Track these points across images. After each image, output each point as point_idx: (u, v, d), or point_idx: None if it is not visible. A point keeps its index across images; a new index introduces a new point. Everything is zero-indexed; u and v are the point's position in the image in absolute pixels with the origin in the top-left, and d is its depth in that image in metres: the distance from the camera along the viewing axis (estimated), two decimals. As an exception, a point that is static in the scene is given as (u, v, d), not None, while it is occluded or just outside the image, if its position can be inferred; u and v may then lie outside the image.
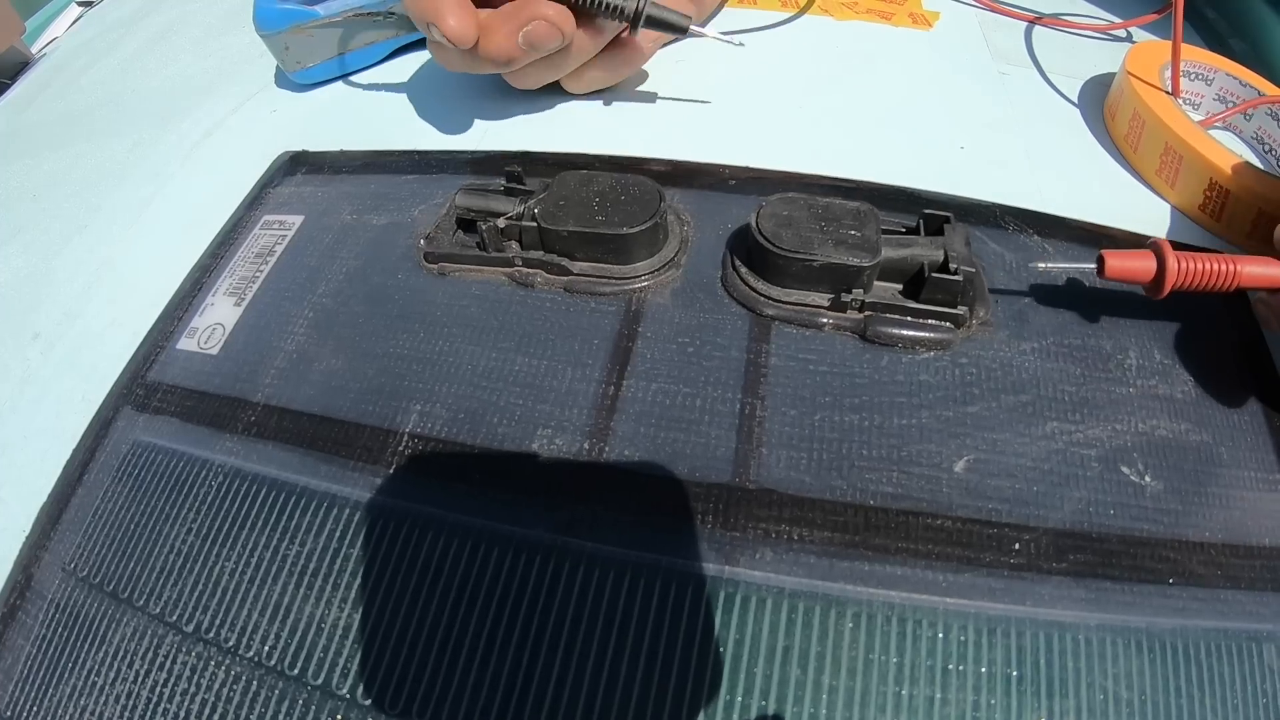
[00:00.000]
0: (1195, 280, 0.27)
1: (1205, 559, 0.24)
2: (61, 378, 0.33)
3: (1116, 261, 0.27)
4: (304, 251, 0.34)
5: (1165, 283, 0.27)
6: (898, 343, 0.28)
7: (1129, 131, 0.36)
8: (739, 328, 0.29)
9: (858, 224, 0.28)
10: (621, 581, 0.23)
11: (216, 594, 0.25)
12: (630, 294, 0.30)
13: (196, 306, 0.33)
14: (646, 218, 0.29)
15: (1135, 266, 0.27)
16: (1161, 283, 0.27)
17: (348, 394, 0.28)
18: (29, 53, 0.62)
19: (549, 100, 0.40)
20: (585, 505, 0.25)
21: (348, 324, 0.31)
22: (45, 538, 0.28)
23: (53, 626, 0.26)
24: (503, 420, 0.27)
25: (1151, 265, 0.27)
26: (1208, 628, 0.23)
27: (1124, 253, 0.27)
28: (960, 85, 0.41)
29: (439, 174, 0.36)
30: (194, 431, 0.29)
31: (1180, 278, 0.27)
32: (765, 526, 0.24)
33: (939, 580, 0.23)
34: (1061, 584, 0.23)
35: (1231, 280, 0.27)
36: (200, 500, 0.27)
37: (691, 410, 0.26)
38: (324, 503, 0.26)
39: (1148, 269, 0.27)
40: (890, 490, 0.25)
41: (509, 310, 0.30)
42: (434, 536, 0.25)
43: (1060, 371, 0.28)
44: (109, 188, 0.42)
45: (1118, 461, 0.26)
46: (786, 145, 0.36)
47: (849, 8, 0.46)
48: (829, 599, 0.23)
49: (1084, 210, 0.33)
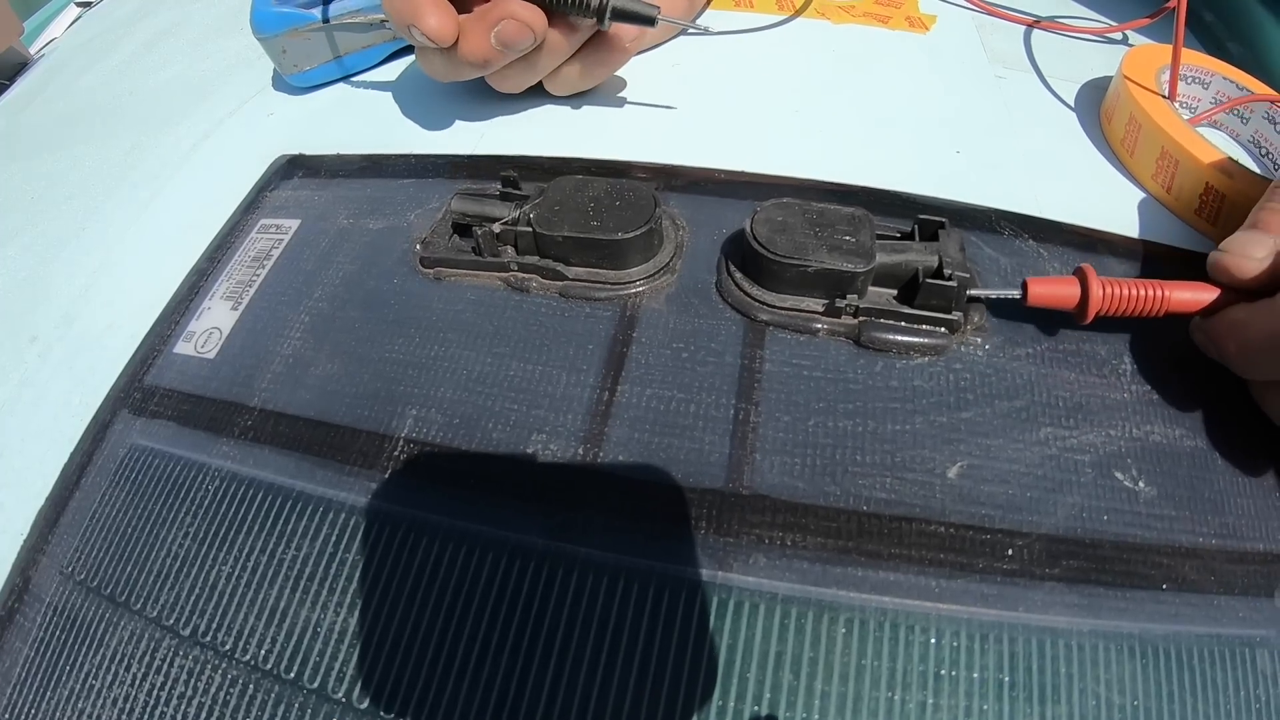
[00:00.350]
0: (1121, 306, 0.28)
1: (1198, 565, 0.24)
2: (59, 380, 0.33)
3: (1040, 289, 0.28)
4: (300, 256, 0.34)
5: (1089, 310, 0.28)
6: (892, 348, 0.28)
7: (1125, 135, 0.37)
8: (733, 333, 0.29)
9: (852, 229, 0.29)
10: (615, 586, 0.23)
11: (213, 598, 0.25)
12: (625, 299, 0.30)
13: (193, 310, 0.33)
14: (641, 223, 0.29)
15: (1059, 294, 0.28)
16: (1085, 309, 0.28)
17: (344, 399, 0.29)
18: (27, 53, 0.62)
19: (543, 104, 0.41)
20: (579, 510, 0.25)
21: (344, 329, 0.31)
22: (43, 541, 0.28)
23: (50, 630, 0.26)
24: (498, 425, 0.27)
25: (1075, 292, 0.28)
26: (1201, 633, 0.23)
27: (1047, 280, 0.28)
28: (957, 89, 0.41)
29: (435, 178, 0.36)
30: (191, 436, 0.29)
31: (1105, 304, 0.27)
32: (758, 532, 0.24)
33: (932, 586, 0.23)
34: (1054, 590, 0.23)
35: (1160, 306, 0.27)
36: (197, 504, 0.27)
37: (686, 416, 0.27)
38: (320, 507, 0.26)
39: (1071, 295, 0.28)
40: (884, 496, 0.25)
41: (504, 315, 0.30)
42: (429, 541, 0.25)
43: (1054, 377, 0.28)
44: (107, 190, 0.42)
45: (1111, 467, 0.26)
46: (782, 149, 0.37)
47: (846, 11, 0.46)
48: (822, 604, 0.23)
49: (1080, 215, 0.34)
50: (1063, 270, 0.31)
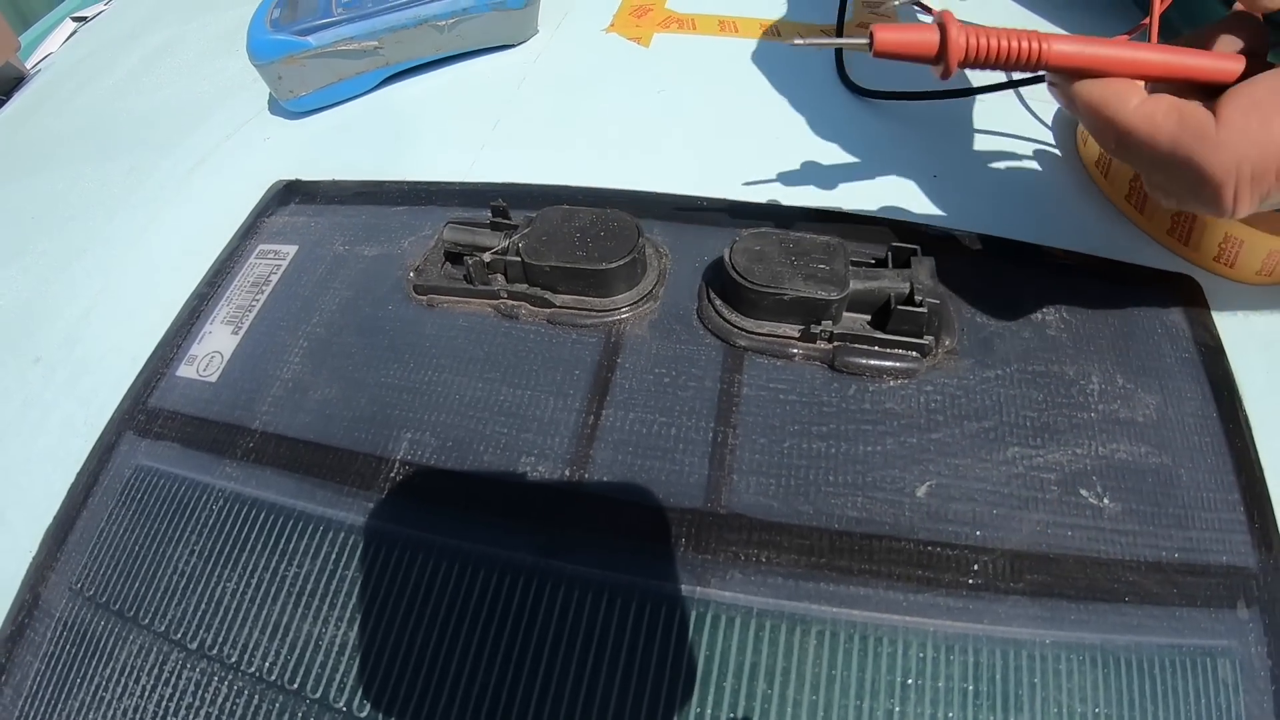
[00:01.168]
0: (988, 56, 0.25)
1: (1161, 578, 0.26)
2: (63, 402, 0.35)
3: (889, 35, 0.25)
4: (298, 281, 0.36)
5: (950, 58, 0.25)
6: (865, 372, 0.30)
7: (1100, 158, 0.38)
8: (713, 358, 0.31)
9: (827, 258, 0.30)
10: (600, 601, 0.25)
11: (219, 613, 0.27)
12: (610, 326, 0.32)
13: (195, 334, 0.35)
14: (625, 253, 0.31)
15: (912, 40, 0.25)
16: (945, 57, 0.25)
17: (341, 422, 0.30)
18: (24, 68, 0.64)
19: (532, 131, 0.42)
20: (566, 529, 0.27)
21: (341, 354, 0.33)
22: (51, 558, 0.30)
23: (61, 644, 0.28)
24: (489, 448, 0.29)
25: (933, 39, 0.25)
26: (1163, 644, 0.25)
27: (900, 26, 0.25)
28: (935, 112, 0.43)
29: (428, 205, 0.38)
30: (195, 457, 0.31)
31: (970, 54, 0.25)
32: (735, 549, 0.26)
33: (899, 600, 0.25)
34: (1018, 603, 0.25)
35: (1035, 57, 0.25)
36: (202, 523, 0.29)
37: (667, 438, 0.29)
38: (320, 526, 0.28)
39: (927, 43, 0.25)
40: (855, 515, 0.27)
41: (494, 341, 0.32)
42: (424, 558, 0.27)
43: (1023, 398, 0.30)
44: (107, 212, 0.44)
45: (1077, 485, 0.28)
46: (764, 174, 0.39)
47: (828, 35, 0.48)
48: (795, 618, 0.25)
49: (1054, 236, 0.35)
50: (1035, 293, 0.33)
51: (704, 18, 0.50)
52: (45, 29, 0.71)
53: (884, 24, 0.26)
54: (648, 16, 0.51)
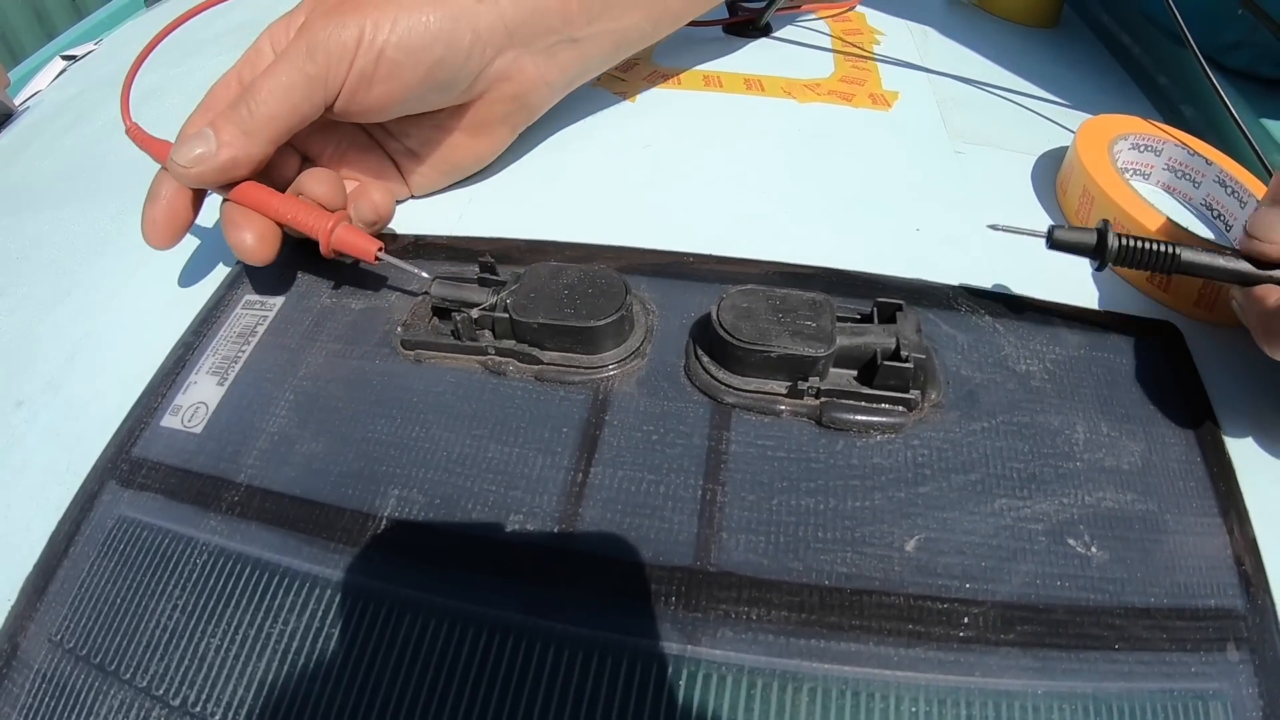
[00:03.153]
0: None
1: (1151, 624, 0.27)
2: (45, 448, 0.35)
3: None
4: (284, 333, 0.37)
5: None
6: (852, 428, 0.31)
7: (1079, 206, 0.40)
8: (700, 415, 0.32)
9: (813, 314, 0.32)
10: (589, 661, 0.26)
11: (202, 669, 0.27)
12: (598, 383, 0.33)
13: (180, 384, 0.35)
14: (613, 310, 0.32)
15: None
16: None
17: (328, 477, 0.31)
18: (12, 105, 0.65)
19: (520, 185, 0.44)
20: (555, 588, 0.27)
21: (328, 408, 0.33)
22: (31, 608, 0.30)
23: (39, 697, 0.28)
24: (477, 506, 0.30)
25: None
26: (1154, 689, 0.25)
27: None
28: (918, 165, 0.44)
29: (415, 258, 0.39)
30: (178, 509, 0.31)
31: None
32: (725, 607, 0.27)
33: (891, 655, 0.26)
34: (1009, 654, 0.26)
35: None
36: (186, 577, 0.29)
37: (655, 496, 0.29)
38: (306, 583, 0.28)
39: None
40: (844, 570, 0.28)
41: (482, 398, 0.33)
42: (411, 616, 0.27)
43: (1009, 449, 0.31)
44: (93, 255, 0.44)
45: (1064, 534, 0.29)
46: (750, 230, 0.40)
47: (811, 89, 0.50)
48: (786, 675, 0.25)
49: (1036, 287, 0.37)
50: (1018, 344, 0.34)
51: (689, 73, 0.53)
52: (34, 66, 0.72)
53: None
54: (634, 71, 0.53)
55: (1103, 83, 0.55)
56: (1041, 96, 0.52)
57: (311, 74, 0.35)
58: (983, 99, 0.51)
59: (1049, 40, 0.60)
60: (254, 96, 0.35)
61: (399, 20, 0.35)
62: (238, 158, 0.35)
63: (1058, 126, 0.48)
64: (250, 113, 0.35)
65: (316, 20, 0.35)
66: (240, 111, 0.35)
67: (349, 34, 0.35)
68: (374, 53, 0.36)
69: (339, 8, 0.36)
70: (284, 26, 0.38)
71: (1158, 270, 0.33)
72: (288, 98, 0.35)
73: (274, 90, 0.35)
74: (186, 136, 0.36)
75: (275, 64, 0.35)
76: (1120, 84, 0.55)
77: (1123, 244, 0.32)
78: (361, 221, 0.38)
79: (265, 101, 0.35)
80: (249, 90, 0.35)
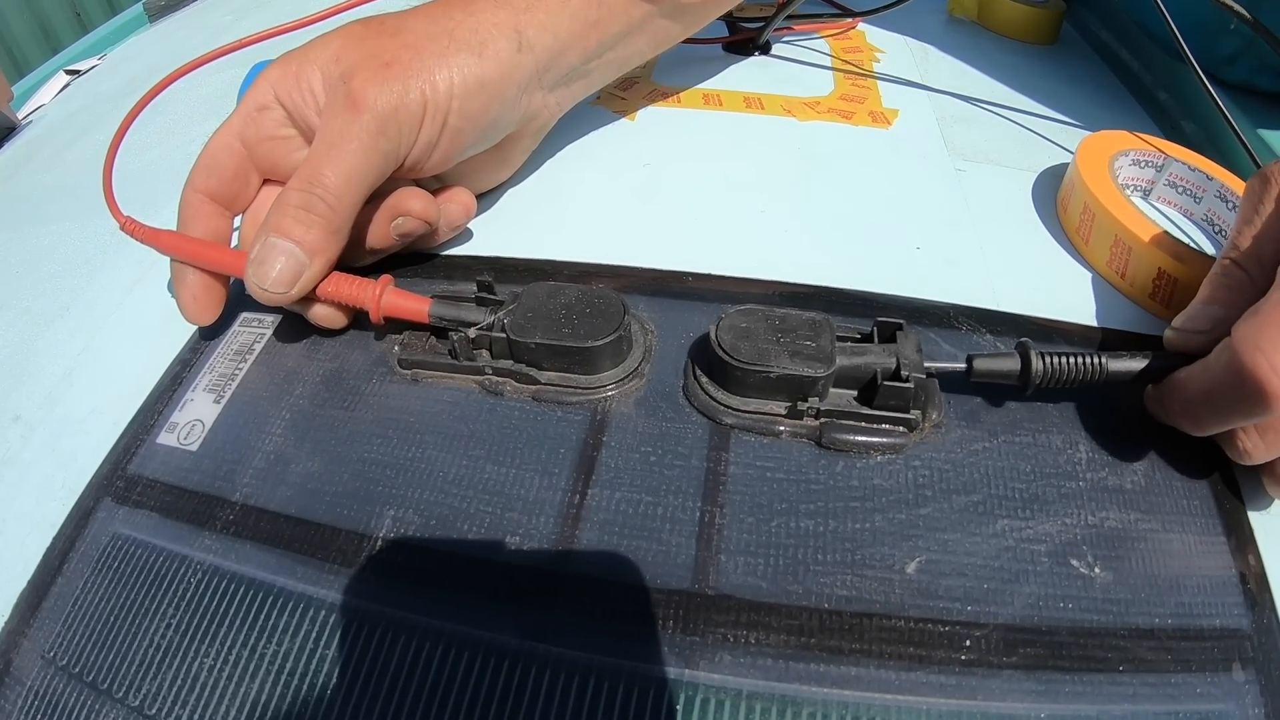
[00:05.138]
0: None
1: (1155, 645, 0.26)
2: (41, 463, 0.34)
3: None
4: (281, 351, 0.37)
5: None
6: (852, 448, 0.31)
7: (1080, 224, 0.40)
8: (699, 436, 0.32)
9: (813, 334, 0.31)
10: (586, 685, 0.26)
11: (195, 689, 0.27)
12: (595, 403, 0.33)
13: (176, 401, 0.35)
14: (611, 330, 0.32)
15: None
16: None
17: (324, 497, 0.31)
18: (15, 118, 0.65)
19: (517, 205, 0.44)
20: (552, 611, 0.27)
21: (324, 427, 0.33)
22: (24, 625, 0.29)
23: (31, 714, 0.27)
24: (473, 527, 0.30)
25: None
26: (1159, 711, 0.25)
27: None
28: (917, 183, 0.44)
29: (412, 278, 0.39)
30: (174, 527, 0.31)
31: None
32: (724, 631, 0.26)
33: (892, 679, 0.25)
34: (1012, 677, 0.26)
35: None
36: (180, 596, 0.29)
37: (653, 518, 0.29)
38: (300, 603, 0.28)
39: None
40: (844, 593, 0.27)
41: (479, 418, 0.33)
42: (406, 639, 0.27)
43: (1010, 470, 0.31)
44: (92, 271, 0.44)
45: (1067, 555, 0.28)
46: (750, 250, 0.40)
47: (810, 108, 0.50)
48: (785, 700, 0.25)
49: (1037, 304, 0.37)
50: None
51: (689, 92, 0.53)
52: (38, 80, 0.73)
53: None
54: (634, 89, 0.53)
55: (1103, 99, 0.55)
56: (1042, 113, 0.52)
57: (386, 151, 0.34)
58: (983, 116, 0.51)
59: (1049, 57, 0.60)
60: (327, 187, 0.32)
61: (455, 81, 0.34)
62: (330, 259, 0.34)
63: (1058, 143, 0.48)
64: (333, 208, 0.33)
65: (371, 87, 0.33)
66: (319, 208, 0.32)
67: (414, 101, 0.34)
68: (439, 122, 0.35)
69: (388, 69, 0.33)
70: (293, 77, 0.35)
71: (1085, 388, 0.32)
72: (365, 181, 0.33)
73: (351, 176, 0.33)
74: (262, 257, 0.33)
75: (340, 145, 0.33)
76: (1120, 100, 0.55)
77: (1047, 364, 0.31)
78: (450, 226, 0.38)
79: (345, 192, 0.33)
80: (314, 179, 0.32)
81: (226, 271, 0.36)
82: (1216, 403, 0.28)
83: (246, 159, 0.36)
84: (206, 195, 0.36)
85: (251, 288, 0.33)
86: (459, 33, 0.35)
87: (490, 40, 0.36)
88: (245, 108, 0.36)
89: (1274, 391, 0.26)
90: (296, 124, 0.36)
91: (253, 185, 0.38)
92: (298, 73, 0.35)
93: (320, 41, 0.35)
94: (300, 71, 0.35)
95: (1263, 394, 0.26)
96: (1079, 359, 0.31)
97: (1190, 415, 0.30)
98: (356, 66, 0.34)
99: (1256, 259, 0.31)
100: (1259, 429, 0.28)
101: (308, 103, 0.35)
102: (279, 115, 0.36)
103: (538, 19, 0.37)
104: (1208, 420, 0.29)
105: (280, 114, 0.36)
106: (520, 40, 0.36)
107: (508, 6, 0.37)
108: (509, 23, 0.36)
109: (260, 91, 0.35)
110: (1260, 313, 0.27)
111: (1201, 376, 0.29)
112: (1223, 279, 0.31)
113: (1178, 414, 0.30)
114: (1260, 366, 0.26)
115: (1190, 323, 0.31)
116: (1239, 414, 0.28)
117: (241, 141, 0.36)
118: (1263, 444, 0.29)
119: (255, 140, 0.36)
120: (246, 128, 0.36)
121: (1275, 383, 0.26)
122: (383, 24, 0.36)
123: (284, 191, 0.33)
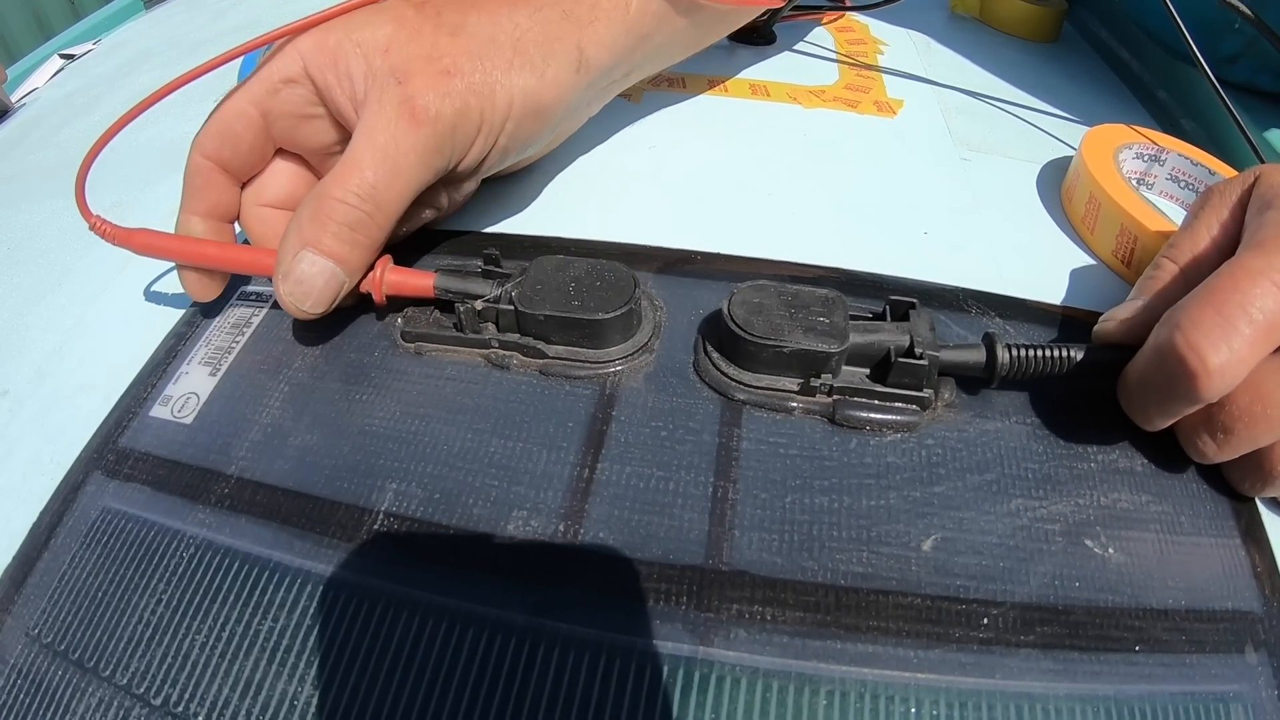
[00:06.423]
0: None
1: (1169, 625, 0.26)
2: (29, 437, 0.33)
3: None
4: (280, 324, 0.36)
5: None
6: (865, 426, 0.30)
7: (1086, 213, 0.40)
8: (711, 412, 0.31)
9: (826, 311, 0.31)
10: (597, 663, 0.25)
11: (186, 667, 0.26)
12: (604, 378, 0.32)
13: (171, 374, 0.34)
14: (621, 304, 0.31)
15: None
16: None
17: (323, 470, 0.30)
18: (8, 101, 0.64)
19: (523, 184, 0.43)
20: (560, 587, 0.26)
21: (324, 400, 0.32)
22: (9, 601, 0.28)
23: (14, 694, 0.26)
24: (478, 502, 0.29)
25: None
26: (1174, 692, 0.25)
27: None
28: (923, 171, 0.44)
29: (416, 253, 0.38)
30: (165, 501, 0.30)
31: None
32: (738, 607, 0.26)
33: (910, 657, 0.25)
34: (1030, 656, 0.25)
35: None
36: (171, 571, 0.28)
37: (664, 493, 0.28)
38: (298, 579, 0.27)
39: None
40: (860, 570, 0.27)
41: (485, 392, 0.32)
42: (408, 616, 0.26)
43: (1023, 450, 0.30)
44: (85, 246, 0.43)
45: (1081, 535, 0.28)
46: (757, 231, 0.39)
47: (816, 96, 0.50)
48: (802, 678, 0.24)
49: (1044, 291, 0.36)
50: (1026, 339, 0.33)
51: (694, 77, 0.52)
52: (32, 64, 0.72)
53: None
54: (637, 77, 0.53)
55: (1103, 96, 0.55)
56: (1044, 108, 0.51)
57: (438, 168, 0.32)
58: (986, 109, 0.51)
59: (1050, 54, 0.60)
60: (380, 206, 0.31)
61: (515, 104, 0.33)
62: (360, 270, 0.32)
63: (1060, 137, 0.48)
64: (382, 228, 0.31)
65: (434, 99, 0.31)
66: (368, 229, 0.31)
67: (472, 122, 0.32)
68: (490, 143, 0.34)
69: (448, 79, 0.31)
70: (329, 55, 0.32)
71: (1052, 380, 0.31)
72: (412, 197, 0.32)
73: (404, 193, 0.32)
74: (301, 275, 0.31)
75: (396, 159, 0.31)
76: (1120, 97, 0.55)
77: (1014, 355, 0.30)
78: (453, 207, 0.38)
79: (396, 211, 0.32)
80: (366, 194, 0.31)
81: (210, 266, 0.35)
82: (1148, 389, 0.28)
83: (264, 131, 0.34)
84: (218, 165, 0.34)
85: (287, 306, 0.31)
86: (523, 44, 0.33)
87: (553, 59, 0.34)
88: (269, 76, 0.33)
89: (1192, 369, 0.26)
90: (325, 104, 0.33)
91: (267, 157, 0.36)
92: (335, 51, 0.32)
93: (365, 21, 0.32)
94: (340, 50, 0.32)
95: (1183, 373, 0.26)
96: (1045, 351, 0.30)
97: (1134, 405, 0.30)
98: (413, 68, 0.31)
99: (1191, 257, 0.31)
100: (1209, 428, 0.28)
101: (343, 87, 0.32)
102: (306, 92, 0.33)
103: (598, 33, 0.35)
104: (1149, 410, 0.29)
105: (308, 91, 0.33)
106: (580, 60, 0.35)
107: (573, 19, 0.34)
108: (572, 37, 0.34)
109: (289, 62, 0.32)
110: (1184, 300, 0.27)
111: (1136, 364, 0.29)
112: (1153, 273, 0.31)
113: (1125, 405, 0.30)
114: (1177, 343, 0.26)
115: (1117, 312, 0.31)
116: (1169, 398, 0.28)
117: (260, 112, 0.33)
118: (1214, 444, 0.28)
119: (278, 114, 0.33)
120: (269, 99, 0.33)
121: (1192, 359, 0.26)
122: (440, 16, 0.33)
123: (325, 200, 0.31)
